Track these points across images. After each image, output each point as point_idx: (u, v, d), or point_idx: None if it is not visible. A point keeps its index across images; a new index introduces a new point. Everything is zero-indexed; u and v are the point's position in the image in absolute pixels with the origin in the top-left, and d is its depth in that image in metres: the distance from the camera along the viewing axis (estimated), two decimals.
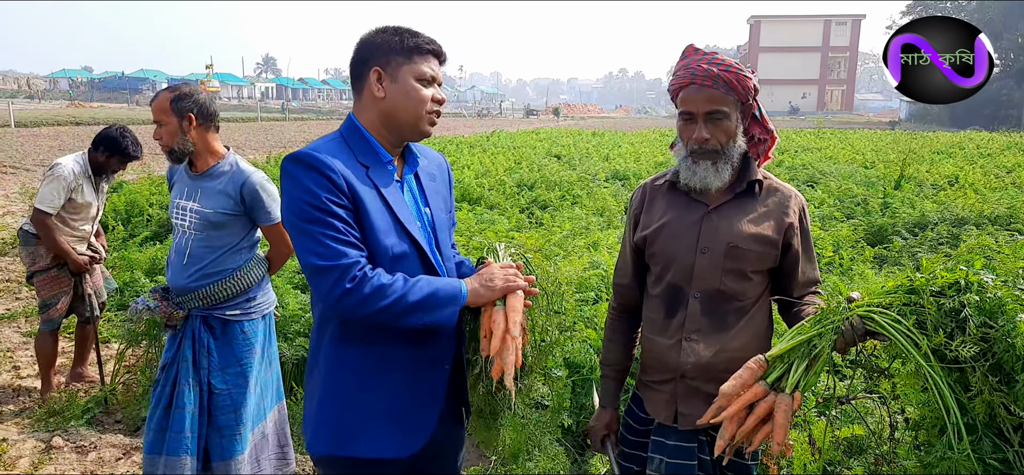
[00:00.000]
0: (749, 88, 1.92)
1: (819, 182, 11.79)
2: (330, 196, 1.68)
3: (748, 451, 1.71)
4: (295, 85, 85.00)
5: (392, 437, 1.81)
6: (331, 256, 1.65)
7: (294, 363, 4.05)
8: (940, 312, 1.53)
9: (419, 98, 1.80)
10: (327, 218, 1.67)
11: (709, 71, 1.89)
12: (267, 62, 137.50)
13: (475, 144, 20.37)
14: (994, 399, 1.45)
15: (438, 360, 1.86)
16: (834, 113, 69.72)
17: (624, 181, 12.13)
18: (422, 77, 1.81)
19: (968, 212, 8.20)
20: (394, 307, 1.67)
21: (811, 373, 1.65)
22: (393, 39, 1.79)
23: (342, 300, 1.66)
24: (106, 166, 4.33)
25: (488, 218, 7.98)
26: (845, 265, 6.15)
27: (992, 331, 1.47)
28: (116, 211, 8.58)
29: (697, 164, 1.95)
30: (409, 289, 1.69)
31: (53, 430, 3.91)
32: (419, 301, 1.69)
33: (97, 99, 60.77)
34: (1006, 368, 1.45)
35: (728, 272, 1.96)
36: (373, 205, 1.74)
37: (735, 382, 1.70)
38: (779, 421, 1.64)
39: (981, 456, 1.46)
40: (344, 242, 1.67)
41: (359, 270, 1.66)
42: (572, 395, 3.78)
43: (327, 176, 1.68)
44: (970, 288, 1.52)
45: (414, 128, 1.84)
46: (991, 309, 1.49)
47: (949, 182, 11.78)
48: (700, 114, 1.92)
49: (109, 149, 4.28)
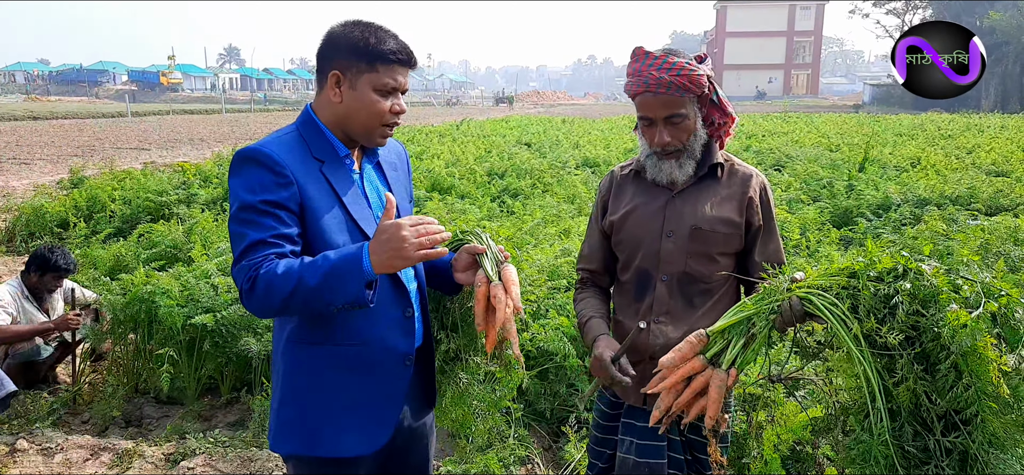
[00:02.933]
0: (703, 83, 1.94)
1: (786, 165, 11.96)
2: (268, 194, 1.64)
3: (684, 423, 1.78)
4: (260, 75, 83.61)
5: (355, 435, 1.80)
6: (240, 258, 1.64)
7: (263, 358, 4.01)
8: (875, 298, 1.54)
9: (375, 111, 1.74)
10: (255, 217, 1.64)
11: (661, 78, 1.90)
12: (230, 52, 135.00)
13: (445, 133, 20.28)
14: (918, 388, 1.47)
15: (401, 354, 1.84)
16: (800, 97, 70.72)
17: (594, 168, 12.16)
18: (383, 88, 1.73)
19: (930, 193, 8.40)
20: (297, 295, 1.57)
21: (748, 351, 1.70)
22: (358, 42, 1.71)
23: (247, 302, 1.63)
24: (41, 286, 4.31)
25: (459, 208, 7.95)
26: (812, 247, 6.25)
27: (923, 319, 1.49)
28: (78, 207, 8.38)
29: (662, 162, 2.01)
30: (306, 271, 1.57)
31: (17, 433, 3.82)
32: (319, 282, 1.57)
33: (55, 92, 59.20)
34: (932, 357, 1.48)
35: (693, 255, 2.00)
36: (323, 202, 1.72)
37: (674, 354, 1.75)
38: (712, 396, 1.70)
39: (901, 443, 1.48)
40: (259, 243, 1.62)
41: (255, 269, 1.60)
42: (546, 382, 3.80)
43: (272, 171, 1.66)
44: (908, 275, 1.54)
45: (366, 138, 1.80)
46: (925, 297, 1.51)
47: (911, 164, 12.04)
48: (659, 119, 1.96)
49: (40, 267, 4.28)
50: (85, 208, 8.45)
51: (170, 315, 4.02)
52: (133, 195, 8.77)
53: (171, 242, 6.23)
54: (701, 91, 1.95)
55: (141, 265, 5.13)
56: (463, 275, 1.95)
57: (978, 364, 1.42)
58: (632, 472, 2.01)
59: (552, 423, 3.74)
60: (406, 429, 1.98)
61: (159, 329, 4.14)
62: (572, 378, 3.73)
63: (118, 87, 65.65)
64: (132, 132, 26.55)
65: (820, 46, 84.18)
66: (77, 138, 23.30)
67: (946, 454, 1.48)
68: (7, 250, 7.91)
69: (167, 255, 6.09)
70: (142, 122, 33.09)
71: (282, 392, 1.81)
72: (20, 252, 7.64)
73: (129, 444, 3.66)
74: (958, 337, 1.42)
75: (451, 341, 2.13)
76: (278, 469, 3.42)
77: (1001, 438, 1.44)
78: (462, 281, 1.95)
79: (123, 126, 29.90)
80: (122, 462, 3.50)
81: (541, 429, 3.72)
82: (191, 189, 9.23)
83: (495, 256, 1.93)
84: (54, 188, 10.10)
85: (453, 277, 1.97)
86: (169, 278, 4.34)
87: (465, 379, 2.14)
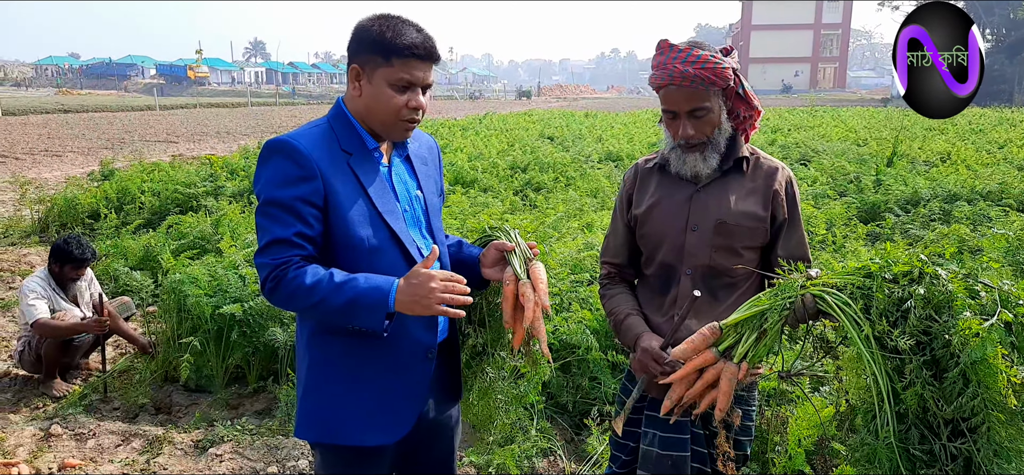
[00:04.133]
0: (728, 77, 1.93)
1: (812, 160, 11.81)
2: (293, 189, 1.67)
3: (694, 414, 1.81)
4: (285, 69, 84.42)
5: (377, 425, 1.82)
6: (264, 253, 1.68)
7: (289, 348, 4.07)
8: (888, 300, 1.53)
9: (390, 106, 1.73)
10: (279, 212, 1.67)
11: (685, 72, 1.88)
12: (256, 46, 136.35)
13: (468, 127, 20.30)
14: (926, 393, 1.45)
15: (425, 347, 1.85)
16: (827, 91, 69.66)
17: (618, 162, 12.11)
18: (397, 83, 1.71)
19: (960, 188, 8.24)
20: (317, 309, 1.66)
21: (760, 345, 1.70)
22: (376, 36, 1.70)
23: (268, 297, 1.69)
24: (63, 276, 4.41)
25: (482, 201, 7.97)
26: (838, 242, 6.18)
27: (935, 325, 1.47)
28: (108, 199, 8.54)
29: (686, 155, 2.00)
30: (331, 293, 1.62)
31: (52, 418, 3.91)
32: (341, 306, 1.63)
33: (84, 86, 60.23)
34: (941, 364, 1.46)
35: (718, 248, 1.99)
36: (349, 196, 1.73)
37: (687, 346, 1.77)
38: (722, 388, 1.72)
39: (906, 446, 1.48)
40: (281, 241, 1.66)
41: (280, 270, 1.64)
42: (568, 375, 3.81)
43: (298, 164, 1.68)
44: (923, 279, 1.52)
45: (386, 133, 1.81)
46: (939, 302, 1.49)
47: (941, 158, 11.83)
48: (683, 112, 1.95)
49: (59, 258, 4.39)
50: (115, 200, 8.60)
51: (198, 304, 4.09)
52: (162, 187, 8.91)
53: (199, 233, 6.33)
54: (726, 84, 1.93)
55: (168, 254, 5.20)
56: (491, 271, 1.96)
57: (987, 374, 1.40)
58: (655, 464, 2.02)
59: (574, 415, 3.75)
60: (430, 421, 2.00)
61: (187, 318, 4.21)
62: (594, 371, 3.74)
63: (146, 81, 66.69)
64: (160, 125, 26.96)
65: (848, 39, 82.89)
66: (107, 131, 23.71)
67: (951, 460, 1.47)
68: (40, 240, 8.08)
69: (195, 246, 6.19)
70: (170, 115, 33.59)
71: (307, 381, 1.84)
72: (53, 242, 7.80)
73: (159, 430, 3.74)
74: (969, 347, 1.40)
75: (478, 336, 2.14)
76: (304, 457, 3.47)
77: (1007, 449, 1.42)
78: (490, 277, 1.96)
79: (152, 119, 30.37)
80: (152, 448, 3.58)
81: (563, 422, 3.73)
82: (218, 181, 9.36)
83: (524, 254, 1.93)
84: (85, 180, 10.29)
85: (481, 272, 1.98)
86: (198, 268, 4.41)
87: (491, 374, 2.15)
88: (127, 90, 58.22)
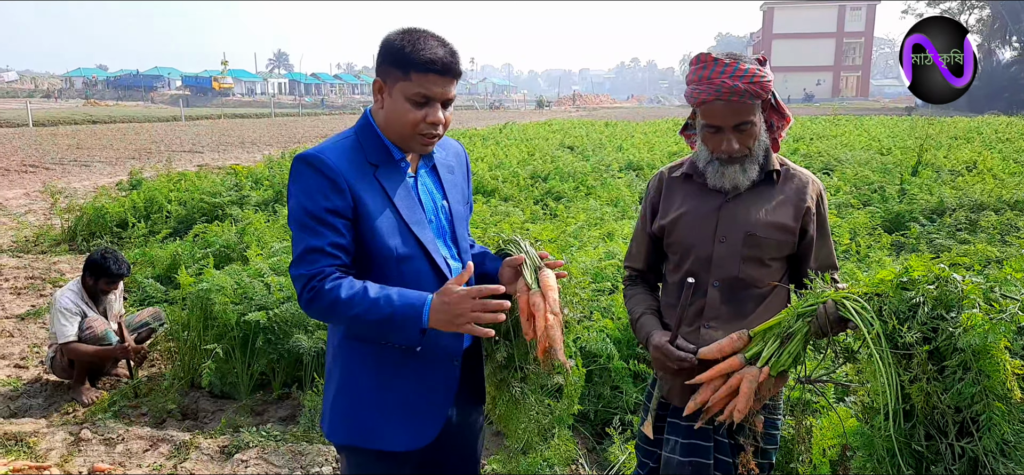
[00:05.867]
0: (769, 88, 1.93)
1: (835, 169, 11.70)
2: (324, 200, 1.70)
3: (718, 421, 1.84)
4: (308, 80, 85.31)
5: (404, 430, 1.86)
6: (299, 264, 1.71)
7: (313, 354, 4.11)
8: (901, 301, 1.57)
9: (407, 120, 1.74)
10: (312, 223, 1.71)
11: (735, 87, 1.86)
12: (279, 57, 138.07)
13: (488, 136, 20.38)
14: (930, 388, 1.46)
15: (451, 353, 1.89)
16: (849, 99, 68.99)
17: (638, 171, 12.09)
18: (415, 97, 1.72)
19: (987, 197, 8.12)
20: (352, 324, 1.73)
21: (784, 352, 1.72)
22: (397, 50, 1.72)
23: (305, 308, 1.73)
24: (97, 289, 4.50)
25: (503, 210, 8.00)
26: (862, 252, 6.12)
27: (943, 323, 1.49)
28: (136, 208, 8.69)
29: (726, 168, 1.97)
30: (367, 310, 1.66)
31: (82, 423, 3.99)
32: (376, 322, 1.67)
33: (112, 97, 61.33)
34: (944, 355, 1.47)
35: (747, 260, 1.98)
36: (377, 207, 1.76)
37: (715, 347, 1.81)
38: (743, 391, 1.75)
39: (911, 442, 1.49)
40: (316, 251, 1.70)
41: (318, 282, 1.68)
42: (590, 384, 3.81)
43: (328, 178, 1.71)
44: (937, 282, 1.55)
45: (405, 147, 1.83)
46: (949, 302, 1.51)
47: (967, 167, 11.65)
48: (728, 127, 1.92)
49: (95, 273, 4.47)
50: (143, 209, 8.75)
51: (224, 312, 4.16)
52: (188, 196, 9.05)
53: (225, 242, 6.42)
54: (767, 96, 1.94)
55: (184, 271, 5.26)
56: (510, 288, 1.98)
57: (989, 365, 1.41)
58: (677, 472, 2.02)
59: (596, 424, 3.75)
60: (455, 427, 2.02)
61: (214, 325, 4.28)
62: (616, 380, 3.74)
63: (173, 92, 67.79)
64: (186, 135, 27.36)
65: (871, 47, 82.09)
66: (134, 141, 24.11)
67: (958, 458, 1.47)
68: (69, 249, 8.24)
69: (221, 255, 6.28)
70: (195, 125, 34.07)
71: (338, 384, 1.88)
72: (82, 251, 7.96)
73: (186, 436, 3.80)
74: (968, 335, 1.42)
75: (507, 348, 2.15)
76: (327, 463, 3.51)
77: (1013, 447, 1.41)
78: (510, 292, 1.98)
79: (177, 129, 30.84)
80: (179, 453, 3.63)
81: (585, 430, 3.73)
82: (243, 191, 9.49)
83: (534, 262, 1.94)
84: (114, 189, 10.48)
85: None
86: (223, 276, 4.49)
87: (517, 388, 2.16)
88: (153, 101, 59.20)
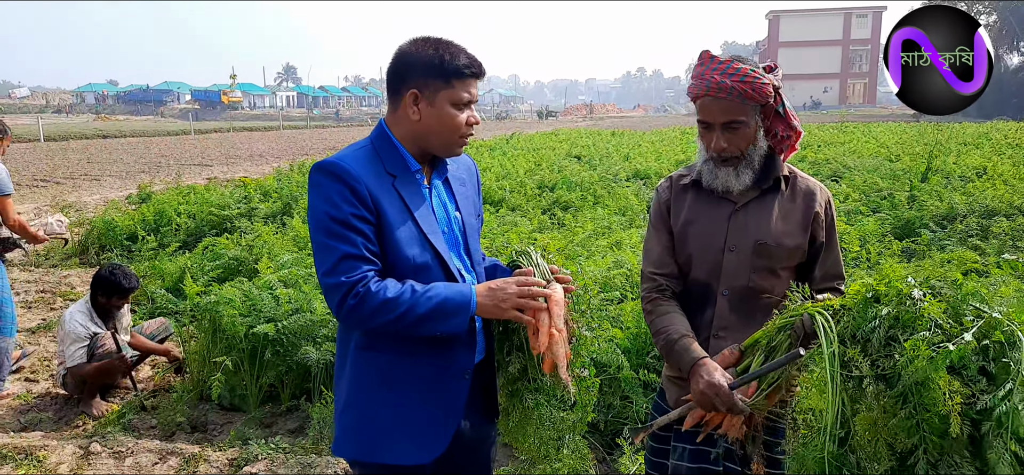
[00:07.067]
0: (768, 93, 1.91)
1: (843, 176, 11.65)
2: (351, 207, 1.70)
3: (718, 433, 1.86)
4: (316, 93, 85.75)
5: (413, 445, 1.84)
6: (338, 272, 1.68)
7: (322, 367, 4.11)
8: (862, 319, 1.52)
9: (453, 125, 1.80)
10: (342, 230, 1.69)
11: (723, 83, 1.87)
12: (288, 71, 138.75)
13: (495, 147, 20.40)
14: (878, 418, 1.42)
15: (462, 367, 1.87)
16: (856, 106, 68.77)
17: (645, 180, 12.07)
18: (459, 102, 1.79)
19: (998, 203, 8.06)
20: (403, 320, 1.70)
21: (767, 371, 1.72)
22: (434, 60, 1.75)
23: (347, 316, 1.70)
24: (109, 306, 4.50)
25: (510, 220, 7.99)
26: (872, 259, 6.08)
27: (896, 345, 1.44)
28: (146, 221, 8.73)
29: (718, 169, 1.98)
30: (418, 300, 1.70)
31: (91, 436, 4.00)
32: (428, 311, 1.70)
33: (122, 112, 61.84)
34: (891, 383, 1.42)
35: (757, 269, 1.97)
36: (397, 216, 1.76)
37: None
38: (731, 421, 1.82)
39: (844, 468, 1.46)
40: (353, 257, 1.69)
41: (363, 287, 1.67)
42: (599, 394, 3.79)
43: (350, 186, 1.71)
44: (899, 298, 1.50)
45: (445, 151, 1.87)
46: (905, 323, 1.46)
47: (977, 173, 11.58)
48: (717, 124, 1.93)
49: (106, 291, 4.47)
50: (153, 222, 8.79)
51: (233, 324, 4.16)
52: (198, 210, 9.09)
53: (234, 255, 6.44)
54: (765, 101, 1.92)
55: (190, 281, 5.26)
56: None
57: (928, 397, 1.36)
58: None
59: (606, 434, 3.73)
60: (466, 440, 2.00)
61: (222, 338, 4.28)
62: (626, 390, 3.72)
63: (182, 106, 68.31)
64: (195, 149, 27.54)
65: (878, 54, 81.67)
66: (144, 155, 24.28)
67: None
68: (80, 262, 8.29)
69: (230, 268, 6.29)
70: (204, 139, 34.31)
71: (346, 398, 1.87)
72: (93, 264, 8.00)
73: (195, 448, 3.80)
74: (912, 366, 1.36)
75: (518, 361, 2.13)
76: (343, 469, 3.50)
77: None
78: None
79: (187, 143, 31.06)
80: (189, 465, 3.63)
81: (594, 440, 3.71)
82: (252, 203, 9.52)
83: (543, 276, 1.92)
84: (124, 203, 10.54)
85: None
86: (232, 288, 4.49)
87: (530, 400, 2.14)
88: (163, 115, 59.65)
